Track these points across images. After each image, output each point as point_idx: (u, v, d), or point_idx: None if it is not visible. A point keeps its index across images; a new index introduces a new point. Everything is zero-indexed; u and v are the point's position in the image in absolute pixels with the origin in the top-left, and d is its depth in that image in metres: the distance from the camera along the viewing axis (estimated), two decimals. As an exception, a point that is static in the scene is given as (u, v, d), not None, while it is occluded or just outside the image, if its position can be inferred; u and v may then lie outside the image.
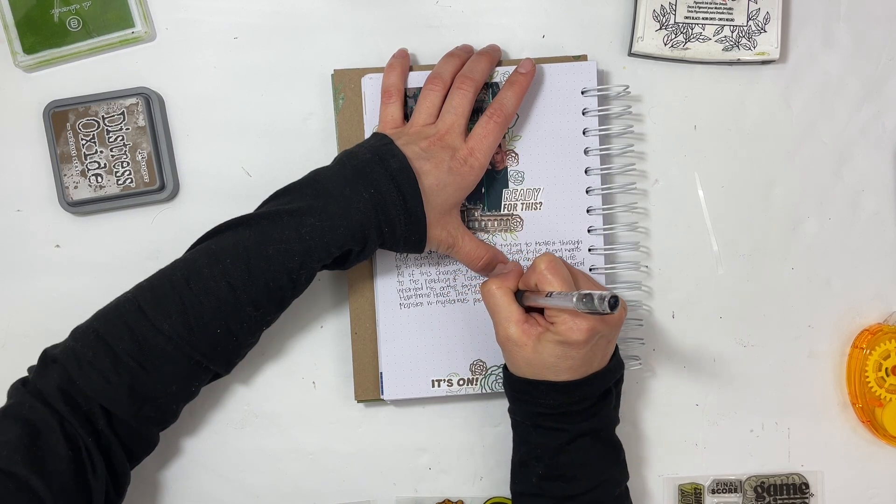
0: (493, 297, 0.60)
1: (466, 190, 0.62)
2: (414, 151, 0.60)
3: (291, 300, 0.60)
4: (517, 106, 0.64)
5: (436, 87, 0.63)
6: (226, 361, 0.59)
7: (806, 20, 0.71)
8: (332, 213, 0.57)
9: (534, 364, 0.59)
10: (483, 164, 0.62)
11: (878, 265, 0.72)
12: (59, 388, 0.54)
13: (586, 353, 0.58)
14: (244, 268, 0.56)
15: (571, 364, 0.58)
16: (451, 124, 0.62)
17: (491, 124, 0.62)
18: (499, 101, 0.63)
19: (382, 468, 0.70)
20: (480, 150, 0.61)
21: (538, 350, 0.58)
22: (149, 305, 0.55)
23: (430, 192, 0.59)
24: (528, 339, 0.58)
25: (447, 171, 0.60)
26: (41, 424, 0.53)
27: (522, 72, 0.64)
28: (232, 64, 0.68)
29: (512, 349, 0.59)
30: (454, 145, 0.61)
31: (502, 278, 0.61)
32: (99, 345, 0.55)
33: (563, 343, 0.57)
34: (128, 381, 0.55)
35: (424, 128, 0.62)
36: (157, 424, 0.59)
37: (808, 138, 0.71)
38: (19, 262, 0.67)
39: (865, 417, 0.71)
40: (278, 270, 0.56)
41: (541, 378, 0.59)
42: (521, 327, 0.59)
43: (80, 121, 0.65)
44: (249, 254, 0.56)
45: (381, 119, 0.64)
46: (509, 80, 0.64)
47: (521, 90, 0.64)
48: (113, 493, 0.57)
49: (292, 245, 0.56)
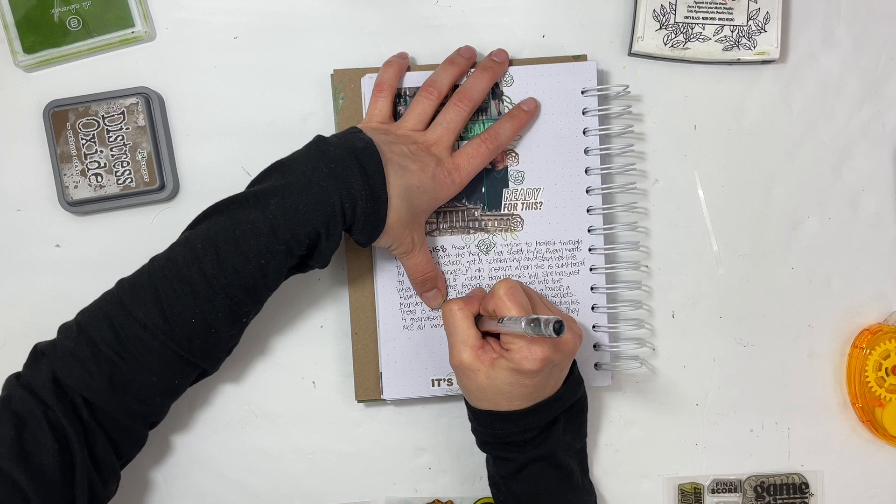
0: (454, 317, 0.60)
1: (441, 202, 0.62)
2: (402, 150, 0.60)
3: (265, 293, 0.58)
4: (512, 139, 0.65)
5: (431, 95, 0.63)
6: (206, 355, 0.58)
7: (806, 20, 0.71)
8: (293, 191, 0.56)
9: (486, 390, 0.59)
10: (463, 183, 0.62)
11: (878, 265, 0.72)
12: (46, 380, 0.54)
13: (539, 381, 0.58)
14: (213, 252, 0.55)
15: (523, 392, 0.58)
16: (440, 137, 0.62)
17: (482, 148, 0.62)
18: (495, 130, 0.63)
19: (382, 468, 0.70)
20: (465, 169, 0.62)
21: (491, 376, 0.58)
22: (127, 296, 0.56)
23: (411, 191, 0.59)
24: (481, 364, 0.58)
25: (431, 177, 0.60)
26: (28, 416, 0.54)
27: (525, 109, 0.65)
28: (232, 64, 0.68)
29: (465, 374, 0.59)
30: (440, 157, 0.61)
31: (465, 300, 0.61)
32: (80, 337, 0.55)
33: (517, 371, 0.57)
34: (107, 372, 0.55)
35: (412, 133, 0.62)
36: (141, 418, 0.59)
37: (808, 138, 0.71)
38: (19, 262, 0.68)
39: (865, 417, 0.71)
40: (246, 255, 0.55)
41: (492, 405, 0.59)
42: (475, 352, 0.58)
43: (80, 120, 0.65)
44: (218, 237, 0.56)
45: (369, 112, 0.64)
46: (510, 113, 0.65)
47: (520, 125, 0.65)
48: (99, 484, 0.56)
49: (258, 225, 0.55)
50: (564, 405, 0.61)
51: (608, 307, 0.67)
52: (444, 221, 0.67)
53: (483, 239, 0.67)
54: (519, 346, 0.56)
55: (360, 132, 0.60)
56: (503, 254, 0.67)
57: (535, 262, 0.67)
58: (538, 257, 0.67)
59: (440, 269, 0.66)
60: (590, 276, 0.67)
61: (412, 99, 0.64)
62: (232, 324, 0.58)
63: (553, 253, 0.67)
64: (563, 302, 0.67)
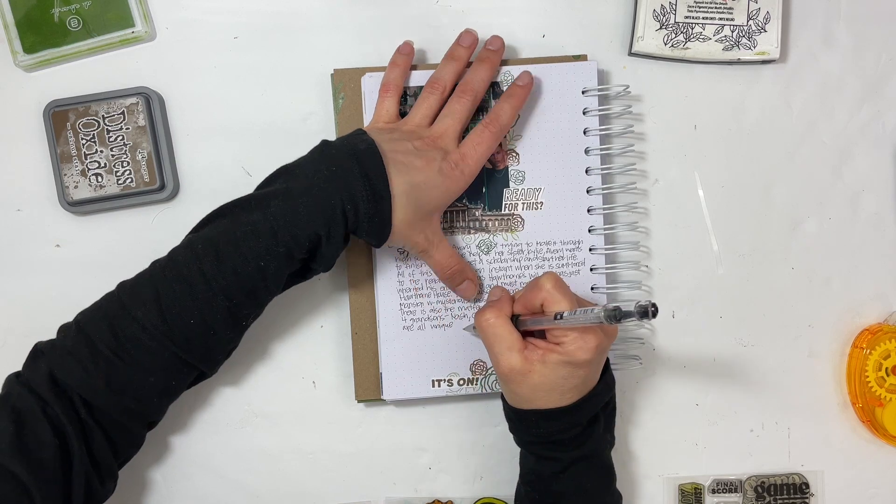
0: (493, 327, 0.58)
1: (452, 195, 0.62)
2: (406, 147, 0.59)
3: (265, 295, 0.58)
4: (513, 117, 0.64)
5: (435, 91, 0.63)
6: (204, 357, 0.58)
7: (806, 20, 0.71)
8: (294, 194, 0.56)
9: (540, 389, 0.57)
10: (473, 172, 0.61)
11: (878, 265, 0.72)
12: (44, 378, 0.55)
13: (591, 370, 0.57)
14: (214, 252, 0.55)
15: (576, 383, 0.57)
16: (447, 128, 0.62)
17: (486, 133, 0.62)
18: (495, 112, 0.63)
19: (382, 468, 0.70)
20: (473, 157, 0.61)
21: (544, 374, 0.57)
22: (127, 296, 0.56)
23: (417, 189, 0.59)
24: (531, 365, 0.57)
25: (437, 171, 0.59)
26: (27, 412, 0.54)
27: (520, 84, 0.64)
28: (232, 64, 0.68)
29: (517, 378, 0.57)
30: (447, 148, 0.61)
31: (497, 306, 0.59)
32: (79, 336, 0.55)
33: (570, 363, 0.56)
34: (105, 372, 0.55)
35: (419, 128, 0.62)
36: (138, 418, 0.59)
37: (808, 138, 0.71)
38: (19, 262, 0.67)
39: (865, 417, 0.71)
40: (246, 256, 0.55)
41: (543, 403, 0.58)
42: (523, 354, 0.57)
43: (80, 120, 0.65)
44: (219, 238, 0.56)
45: (376, 112, 0.64)
46: (507, 92, 0.64)
47: (519, 102, 0.64)
48: (96, 482, 0.56)
49: (258, 227, 0.55)
50: (604, 399, 0.61)
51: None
52: (445, 222, 0.66)
53: (484, 239, 0.67)
54: (572, 337, 0.55)
55: (363, 134, 0.60)
56: (504, 254, 0.67)
57: (536, 263, 0.67)
58: (539, 257, 0.67)
59: (466, 261, 0.65)
60: (590, 276, 0.67)
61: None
62: (231, 326, 0.58)
63: (553, 253, 0.67)
64: (564, 302, 0.67)
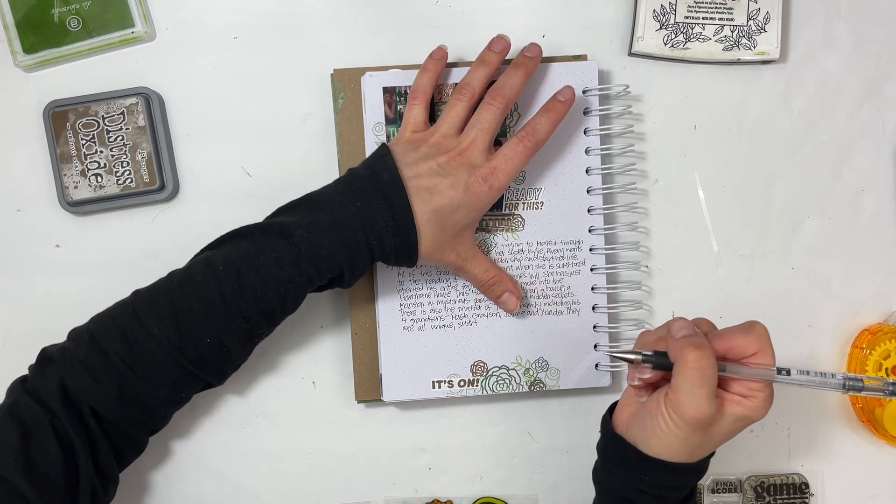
0: (706, 369, 0.50)
1: (481, 211, 0.60)
2: (430, 168, 0.58)
3: (282, 317, 0.59)
4: (550, 133, 0.62)
5: (464, 97, 0.61)
6: (216, 373, 0.59)
7: (806, 20, 0.71)
8: (320, 226, 0.56)
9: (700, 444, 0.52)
10: (502, 187, 0.60)
11: (878, 265, 0.72)
12: (54, 388, 0.54)
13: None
14: (235, 276, 0.55)
15: (720, 441, 0.53)
16: (475, 139, 0.60)
17: (520, 147, 0.60)
18: (532, 126, 0.61)
19: (382, 468, 0.70)
20: (504, 171, 0.59)
21: (719, 424, 0.51)
22: (142, 310, 0.56)
23: (441, 214, 0.58)
24: (720, 416, 0.51)
25: (463, 189, 0.58)
26: (34, 424, 0.53)
27: (562, 100, 0.62)
28: (232, 64, 0.68)
29: (702, 427, 0.51)
30: (475, 162, 0.59)
31: (705, 347, 0.50)
32: (92, 346, 0.55)
33: (744, 419, 0.51)
34: (117, 383, 0.55)
35: (446, 139, 0.60)
36: (144, 427, 0.59)
37: (808, 138, 0.71)
38: (19, 262, 0.67)
39: (865, 417, 0.71)
40: (267, 282, 0.56)
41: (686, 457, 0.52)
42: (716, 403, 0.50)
43: (80, 121, 0.65)
44: (241, 263, 0.56)
45: (405, 121, 0.63)
46: (546, 106, 0.62)
47: (558, 118, 0.62)
48: (101, 491, 0.56)
49: (282, 255, 0.56)
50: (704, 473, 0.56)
51: (609, 307, 0.67)
52: (445, 221, 0.66)
53: (484, 239, 0.67)
54: (766, 393, 0.51)
55: (387, 156, 0.59)
56: (504, 254, 0.67)
57: (536, 263, 0.67)
58: (539, 257, 0.67)
59: (504, 271, 0.65)
60: (590, 276, 0.67)
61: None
62: (245, 344, 0.59)
63: (554, 253, 0.67)
64: (564, 302, 0.67)
